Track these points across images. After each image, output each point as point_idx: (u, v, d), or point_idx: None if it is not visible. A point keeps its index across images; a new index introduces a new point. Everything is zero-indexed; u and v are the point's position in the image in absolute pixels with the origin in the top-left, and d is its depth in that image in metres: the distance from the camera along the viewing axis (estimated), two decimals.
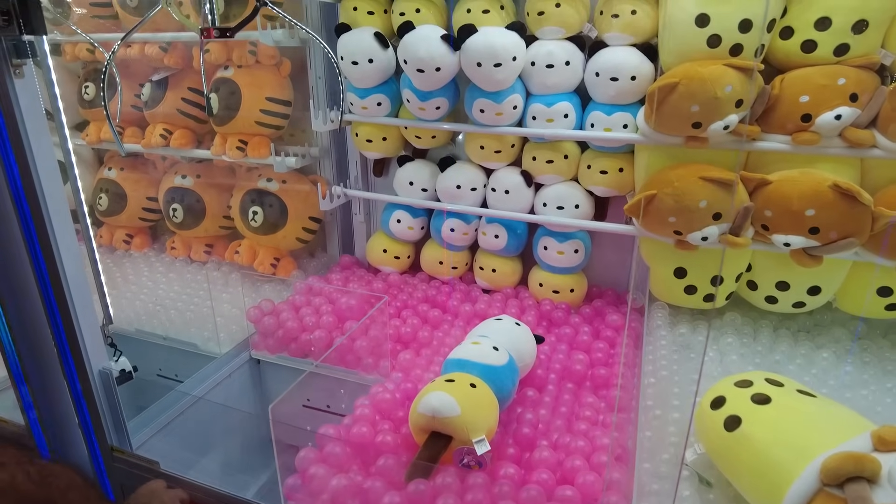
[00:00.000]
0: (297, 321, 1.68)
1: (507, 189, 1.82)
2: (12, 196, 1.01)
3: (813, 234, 1.41)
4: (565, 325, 1.72)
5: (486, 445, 1.11)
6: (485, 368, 1.26)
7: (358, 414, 1.29)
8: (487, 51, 1.57)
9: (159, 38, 2.02)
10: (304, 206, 2.06)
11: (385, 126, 1.91)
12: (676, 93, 1.43)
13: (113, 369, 1.24)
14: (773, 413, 1.08)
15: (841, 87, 1.38)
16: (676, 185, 1.49)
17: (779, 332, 1.66)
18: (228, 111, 1.95)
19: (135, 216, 2.35)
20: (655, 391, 1.37)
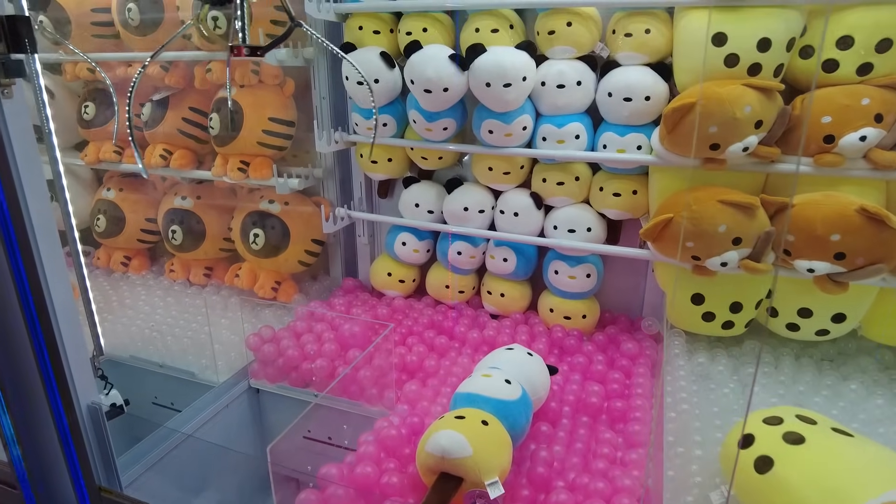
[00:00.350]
0: (297, 349, 1.62)
1: (516, 211, 1.77)
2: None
3: (838, 260, 1.35)
4: (578, 353, 1.65)
5: (499, 489, 1.04)
6: (497, 403, 1.19)
7: (362, 451, 1.21)
8: (497, 70, 1.53)
9: (161, 57, 1.98)
10: (307, 228, 2.01)
11: (391, 147, 1.87)
12: (694, 113, 1.38)
13: (103, 403, 1.17)
14: (808, 455, 1.01)
15: (865, 107, 1.33)
16: (694, 209, 1.43)
17: (801, 360, 1.58)
18: (230, 132, 1.90)
19: (133, 238, 2.29)
20: (676, 426, 1.29)
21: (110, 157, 2.17)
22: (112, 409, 1.19)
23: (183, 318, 1.93)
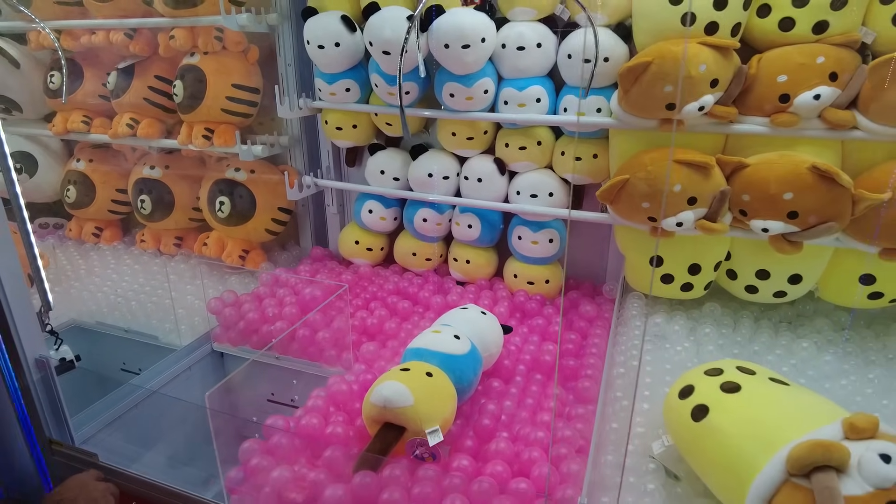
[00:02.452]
0: (258, 312, 1.62)
1: (479, 177, 1.77)
2: None
3: (792, 219, 1.36)
4: (538, 315, 1.66)
5: (439, 436, 1.05)
6: (444, 357, 1.20)
7: (311, 405, 1.22)
8: (455, 32, 1.52)
9: (125, 24, 1.96)
10: (274, 196, 2.01)
11: (355, 113, 1.86)
12: (649, 72, 1.38)
13: (52, 358, 1.18)
14: (741, 402, 1.03)
15: (820, 65, 1.33)
16: (650, 169, 1.44)
17: (760, 322, 1.60)
18: (194, 99, 1.89)
19: (104, 209, 2.29)
20: (624, 382, 1.31)
21: (78, 127, 2.16)
22: (62, 363, 1.20)
23: (149, 285, 1.94)
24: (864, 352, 1.43)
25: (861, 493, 0.80)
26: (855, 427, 0.87)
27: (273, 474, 1.02)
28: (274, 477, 1.01)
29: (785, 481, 0.86)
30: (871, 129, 1.31)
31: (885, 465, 0.80)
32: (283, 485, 1.01)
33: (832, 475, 0.82)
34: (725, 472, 0.97)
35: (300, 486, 1.00)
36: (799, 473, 0.85)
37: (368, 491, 0.97)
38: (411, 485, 0.98)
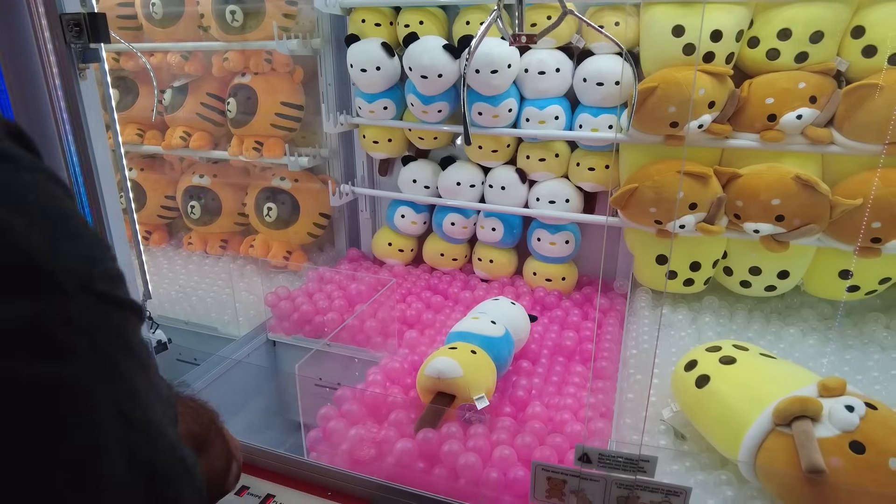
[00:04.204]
0: (311, 305, 1.83)
1: (503, 185, 1.98)
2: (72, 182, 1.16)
3: (779, 222, 1.58)
4: (557, 308, 1.87)
5: (485, 401, 1.26)
6: (484, 339, 1.41)
7: (371, 380, 1.43)
8: (485, 59, 1.74)
9: (181, 47, 2.18)
10: (315, 202, 2.22)
11: (390, 128, 2.07)
12: (655, 95, 1.59)
13: (151, 338, 1.39)
14: (736, 371, 1.24)
15: (801, 90, 1.55)
16: (656, 179, 1.65)
17: (753, 313, 1.81)
18: (245, 115, 2.11)
19: (153, 214, 2.50)
20: (637, 361, 1.52)
21: (132, 139, 2.37)
22: (158, 345, 1.40)
23: (204, 283, 2.14)
24: (843, 337, 1.65)
25: (830, 436, 1.01)
26: (827, 387, 1.08)
27: (350, 433, 1.22)
28: (351, 435, 1.22)
29: (772, 430, 1.07)
30: (845, 144, 1.53)
31: (849, 413, 1.01)
32: (359, 442, 1.21)
33: (808, 423, 1.03)
34: (724, 428, 1.18)
35: (373, 442, 1.20)
36: (782, 423, 1.06)
37: (431, 445, 1.17)
38: (466, 439, 1.19)
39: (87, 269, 0.36)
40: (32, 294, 0.32)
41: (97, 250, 0.38)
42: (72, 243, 0.36)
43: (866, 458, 0.98)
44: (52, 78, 1.09)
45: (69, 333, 0.33)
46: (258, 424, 1.54)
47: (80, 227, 0.37)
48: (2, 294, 0.31)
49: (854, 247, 1.57)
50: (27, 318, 0.31)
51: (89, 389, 0.34)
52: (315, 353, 1.40)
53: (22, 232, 0.32)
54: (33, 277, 0.32)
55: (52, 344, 0.32)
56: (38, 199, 0.35)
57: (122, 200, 1.40)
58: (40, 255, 0.33)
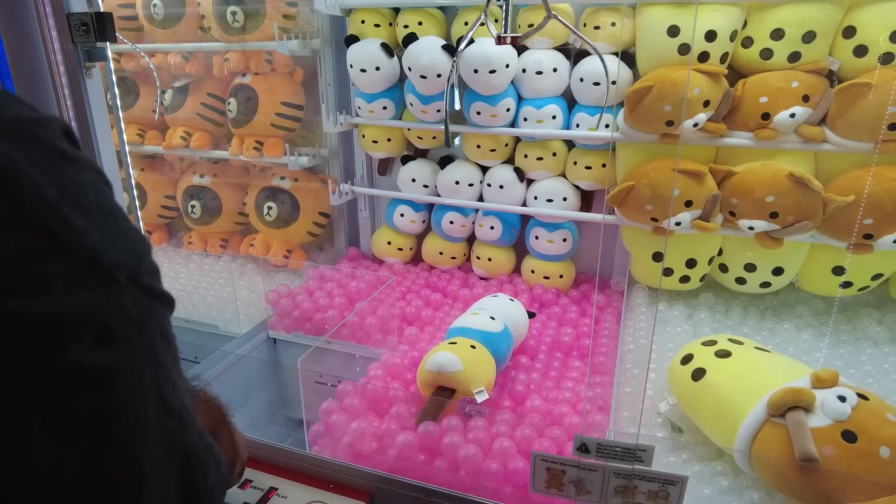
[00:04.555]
0: (311, 303, 1.85)
1: (501, 184, 2.00)
2: None
3: (773, 219, 1.60)
4: (555, 305, 1.89)
5: (485, 395, 1.28)
6: (483, 334, 1.43)
7: (371, 374, 1.45)
8: (483, 59, 1.76)
9: (181, 48, 2.20)
10: (315, 202, 2.24)
11: (390, 128, 2.09)
12: (651, 95, 1.61)
13: None
14: (732, 364, 1.26)
15: (794, 89, 1.57)
16: (652, 177, 1.68)
17: (748, 310, 1.83)
18: (246, 115, 2.13)
19: (154, 213, 2.51)
20: (634, 356, 1.54)
21: (133, 139, 2.38)
22: None
23: (205, 281, 2.16)
24: (837, 332, 1.67)
25: (823, 425, 1.03)
26: (820, 378, 1.11)
27: (351, 426, 1.24)
28: (352, 429, 1.24)
29: (766, 421, 1.10)
30: (837, 142, 1.56)
31: (841, 403, 1.04)
32: (361, 435, 1.23)
33: (801, 413, 1.05)
34: (719, 420, 1.21)
35: (374, 436, 1.22)
36: (777, 414, 1.08)
37: (432, 437, 1.19)
38: (466, 431, 1.21)
39: (136, 263, 0.38)
40: (94, 286, 0.35)
41: (141, 246, 0.41)
42: (122, 239, 0.38)
43: (858, 447, 1.00)
44: (59, 76, 1.11)
45: (124, 323, 0.36)
46: (260, 420, 1.56)
47: (126, 223, 0.40)
48: (69, 286, 0.33)
49: (847, 243, 1.60)
50: (91, 309, 0.34)
51: (140, 375, 0.37)
52: (316, 350, 1.42)
53: (84, 228, 0.35)
54: (95, 271, 0.35)
55: (110, 333, 0.35)
56: (96, 197, 0.38)
57: (126, 198, 1.42)
58: (99, 250, 0.35)
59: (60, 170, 0.36)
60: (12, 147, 0.33)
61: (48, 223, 0.33)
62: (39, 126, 0.37)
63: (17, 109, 0.37)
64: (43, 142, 0.36)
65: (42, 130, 0.37)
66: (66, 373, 0.32)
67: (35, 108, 0.40)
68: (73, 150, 0.39)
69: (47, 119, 0.39)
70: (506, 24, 1.42)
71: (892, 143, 1.49)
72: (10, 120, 0.36)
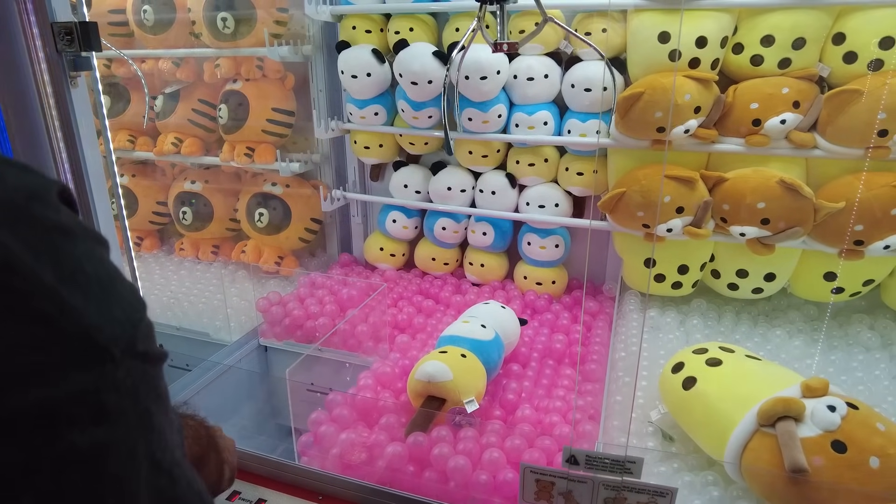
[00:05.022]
0: (302, 310, 1.84)
1: (493, 190, 2.00)
2: None
3: (764, 225, 1.60)
4: (547, 311, 1.89)
5: (475, 405, 1.27)
6: (474, 343, 1.42)
7: (362, 384, 1.44)
8: (474, 65, 1.76)
9: (172, 53, 2.19)
10: (306, 208, 2.23)
11: (381, 134, 2.09)
12: (642, 101, 1.61)
13: None
14: (722, 373, 1.25)
15: (785, 95, 1.57)
16: (643, 183, 1.68)
17: (740, 315, 1.83)
18: (237, 121, 2.12)
19: (145, 220, 2.50)
20: (625, 364, 1.54)
21: (124, 145, 2.37)
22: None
23: (196, 288, 2.14)
24: (829, 339, 1.67)
25: (813, 435, 1.03)
26: (810, 387, 1.10)
27: (341, 437, 1.23)
28: (342, 440, 1.23)
29: (756, 431, 1.09)
30: (828, 148, 1.56)
31: (831, 413, 1.03)
32: (350, 446, 1.22)
33: (791, 423, 1.05)
34: (710, 429, 1.20)
35: (364, 446, 1.21)
36: (767, 423, 1.08)
37: (422, 448, 1.18)
38: (456, 442, 1.20)
39: (131, 333, 0.38)
40: (88, 366, 0.34)
41: (137, 311, 0.40)
42: (119, 309, 0.38)
43: (848, 458, 0.99)
44: (44, 86, 1.10)
45: (117, 398, 0.36)
46: (250, 429, 1.55)
47: (123, 287, 0.40)
48: (63, 369, 0.33)
49: (838, 249, 1.60)
50: (85, 389, 0.34)
51: (133, 445, 0.37)
52: (306, 358, 1.41)
53: (81, 307, 0.35)
54: (89, 350, 0.35)
55: (103, 409, 0.35)
56: (93, 268, 0.38)
57: (114, 207, 1.41)
58: (95, 328, 0.35)
59: (57, 246, 0.36)
60: (8, 232, 0.33)
61: (45, 309, 0.33)
62: (36, 201, 0.37)
63: (13, 181, 0.37)
64: (39, 220, 0.36)
65: (38, 206, 0.37)
66: (60, 457, 0.32)
67: (30, 171, 0.39)
68: (69, 218, 0.39)
69: (44, 188, 0.38)
70: (501, 30, 1.41)
71: (882, 149, 1.49)
72: (6, 200, 0.35)
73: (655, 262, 1.82)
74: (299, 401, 1.30)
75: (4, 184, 0.36)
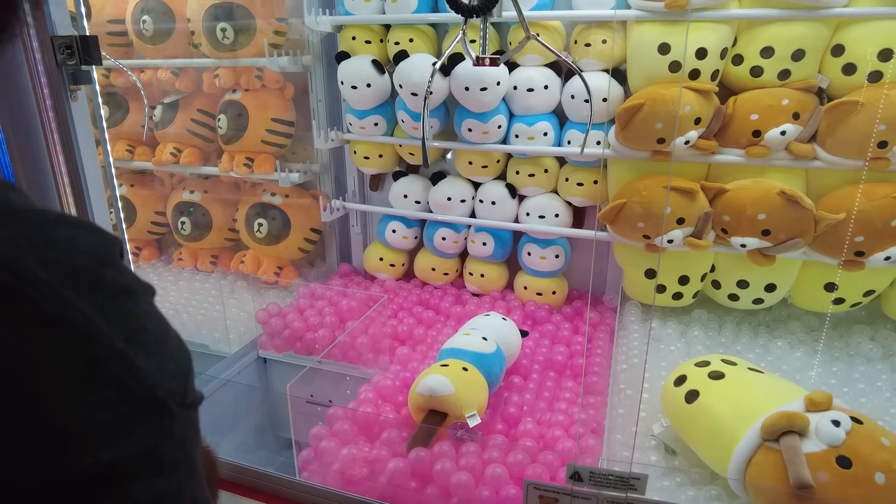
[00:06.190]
0: (302, 322, 1.83)
1: (493, 200, 1.99)
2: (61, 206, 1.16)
3: (765, 236, 1.60)
4: (548, 322, 1.88)
5: (477, 419, 1.26)
6: (475, 356, 1.41)
7: (362, 398, 1.43)
8: (474, 76, 1.76)
9: (171, 63, 2.19)
10: (306, 218, 2.22)
11: (381, 144, 2.08)
12: (642, 112, 1.61)
13: None
14: (725, 386, 1.25)
15: (785, 106, 1.58)
16: (644, 194, 1.67)
17: (741, 326, 1.83)
18: (236, 131, 2.11)
19: (143, 230, 2.49)
20: (627, 376, 1.53)
21: (122, 155, 2.36)
22: None
23: (195, 299, 2.13)
24: (830, 349, 1.67)
25: (817, 450, 1.02)
26: (813, 401, 1.10)
27: (342, 452, 1.22)
28: (343, 455, 1.22)
29: (760, 445, 1.09)
30: (828, 159, 1.56)
31: (835, 428, 1.03)
32: (351, 461, 1.21)
33: (795, 438, 1.04)
34: (713, 443, 1.19)
35: (365, 462, 1.20)
36: (770, 438, 1.07)
37: (423, 463, 1.17)
38: (458, 457, 1.19)
39: (183, 385, 0.40)
40: (150, 423, 0.36)
41: (187, 361, 0.42)
42: (173, 363, 0.39)
43: (853, 473, 0.99)
44: (43, 98, 1.09)
45: (174, 450, 0.38)
46: (249, 443, 1.54)
47: (173, 339, 0.41)
48: (130, 429, 0.35)
49: (839, 260, 1.60)
50: (148, 445, 0.36)
51: (182, 490, 0.39)
52: (306, 372, 1.40)
53: (145, 366, 0.36)
54: (151, 408, 0.36)
55: (162, 462, 0.37)
56: (153, 325, 0.39)
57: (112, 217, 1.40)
58: (156, 386, 0.37)
59: (126, 310, 0.38)
60: (86, 300, 0.35)
61: (117, 374, 0.35)
62: (106, 266, 0.38)
63: (85, 246, 0.38)
64: (110, 284, 0.37)
65: (108, 271, 0.38)
66: None
67: (97, 231, 0.40)
68: (130, 278, 0.40)
69: (109, 249, 0.40)
70: (484, 44, 1.41)
71: (882, 160, 1.49)
72: (83, 268, 0.37)
73: (656, 272, 1.82)
74: (299, 415, 1.29)
75: (79, 250, 0.37)
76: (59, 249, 0.36)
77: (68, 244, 0.37)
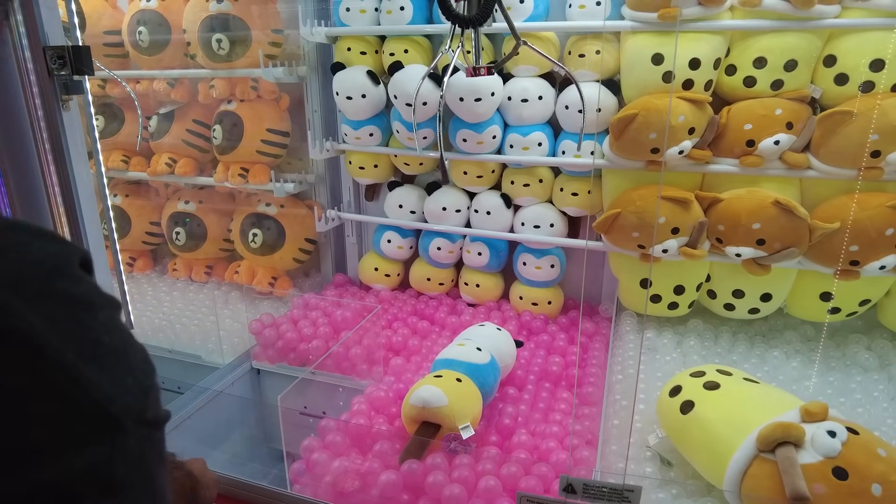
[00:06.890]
0: (295, 332, 1.82)
1: (488, 210, 1.99)
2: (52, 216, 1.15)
3: (760, 245, 1.60)
4: (543, 332, 1.87)
5: (470, 431, 1.25)
6: (469, 366, 1.40)
7: (355, 409, 1.42)
8: (469, 87, 1.76)
9: (167, 74, 2.19)
10: (301, 228, 2.22)
11: (376, 154, 2.08)
12: (636, 122, 1.62)
13: None
14: (720, 397, 1.24)
15: (778, 116, 1.58)
16: (638, 204, 1.67)
17: (737, 336, 1.82)
18: (231, 141, 2.11)
19: (138, 240, 2.48)
20: (623, 387, 1.52)
21: (118, 165, 2.36)
22: None
23: (189, 310, 2.12)
24: (826, 359, 1.66)
25: (814, 461, 1.01)
26: (809, 412, 1.09)
27: (334, 465, 1.21)
28: (335, 467, 1.20)
29: (756, 456, 1.07)
30: (821, 169, 1.56)
31: (831, 439, 1.02)
32: (343, 474, 1.20)
33: (791, 448, 1.03)
34: (709, 454, 1.18)
35: (357, 474, 1.19)
36: (766, 449, 1.06)
37: (416, 476, 1.16)
38: (451, 469, 1.18)
39: (142, 400, 0.38)
40: (100, 440, 0.35)
41: (148, 375, 0.40)
42: (132, 377, 0.38)
43: (849, 484, 0.98)
44: (35, 109, 1.09)
45: (126, 469, 0.36)
46: (242, 455, 1.52)
47: (135, 353, 0.40)
48: (79, 446, 0.33)
49: (834, 269, 1.59)
50: (98, 462, 0.34)
51: None
52: (299, 383, 1.39)
53: (96, 380, 0.35)
54: (102, 424, 0.35)
55: (113, 481, 0.35)
56: (110, 338, 0.38)
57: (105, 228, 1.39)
58: (108, 401, 0.35)
59: (79, 322, 0.36)
60: (34, 310, 0.33)
61: (65, 387, 0.33)
62: (58, 275, 0.37)
63: (37, 254, 0.37)
64: (62, 295, 0.36)
65: (61, 281, 0.37)
66: None
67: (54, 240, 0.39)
68: (88, 289, 0.39)
69: (66, 260, 0.38)
70: (476, 55, 1.42)
71: (875, 169, 1.50)
72: (31, 277, 0.35)
73: (651, 282, 1.81)
74: (292, 427, 1.28)
75: (30, 257, 0.36)
76: (8, 257, 0.35)
77: (19, 252, 0.36)
